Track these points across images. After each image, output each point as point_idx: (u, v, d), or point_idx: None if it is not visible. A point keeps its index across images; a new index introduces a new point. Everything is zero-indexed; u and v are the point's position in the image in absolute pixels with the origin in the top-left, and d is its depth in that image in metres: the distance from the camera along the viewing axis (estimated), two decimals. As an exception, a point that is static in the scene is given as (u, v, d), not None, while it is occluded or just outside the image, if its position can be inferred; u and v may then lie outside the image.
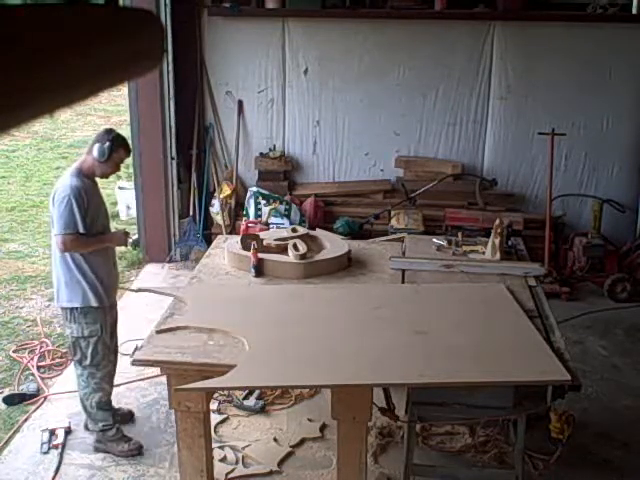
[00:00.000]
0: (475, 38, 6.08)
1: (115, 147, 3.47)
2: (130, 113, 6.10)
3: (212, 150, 6.43)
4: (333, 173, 6.48)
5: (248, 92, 6.33)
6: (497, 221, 3.91)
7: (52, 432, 3.75)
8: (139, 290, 4.17)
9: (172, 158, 6.02)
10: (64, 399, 4.13)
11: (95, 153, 3.46)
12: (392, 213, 5.93)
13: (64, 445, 3.69)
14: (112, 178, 8.35)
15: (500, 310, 3.23)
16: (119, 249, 5.56)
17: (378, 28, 6.10)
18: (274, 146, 6.38)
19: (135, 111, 5.96)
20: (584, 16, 6.02)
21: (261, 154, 6.36)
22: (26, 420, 3.92)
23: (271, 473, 3.49)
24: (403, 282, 3.63)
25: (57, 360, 4.59)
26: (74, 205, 3.40)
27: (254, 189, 6.11)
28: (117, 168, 3.62)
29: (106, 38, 0.64)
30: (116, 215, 7.50)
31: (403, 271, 3.73)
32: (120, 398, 4.13)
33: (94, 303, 3.52)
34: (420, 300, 3.35)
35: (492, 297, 3.37)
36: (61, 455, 3.61)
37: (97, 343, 3.56)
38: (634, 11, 6.09)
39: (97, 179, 3.64)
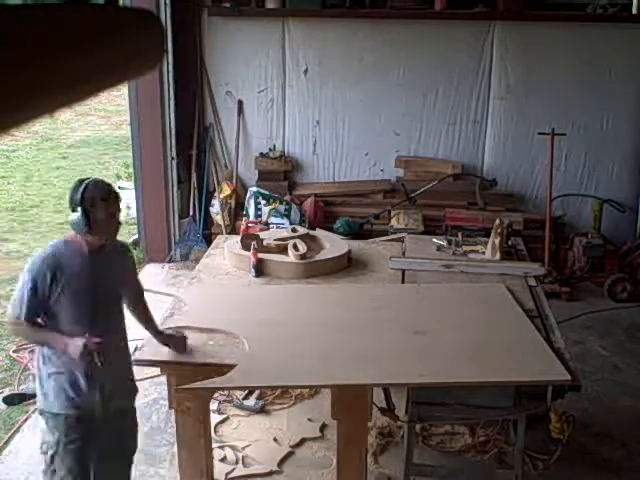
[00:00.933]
0: (475, 38, 6.08)
1: (89, 209, 2.53)
2: (130, 113, 6.10)
3: (212, 150, 6.43)
4: (333, 173, 6.48)
5: (248, 92, 6.33)
6: (497, 221, 3.91)
7: (52, 432, 3.74)
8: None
9: (172, 158, 6.02)
10: (64, 399, 4.13)
11: (72, 228, 2.58)
12: (392, 213, 5.93)
13: (64, 445, 3.68)
14: (112, 178, 8.39)
15: (500, 310, 3.23)
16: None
17: (378, 28, 6.10)
18: (274, 146, 6.38)
19: (135, 111, 5.96)
20: (584, 16, 6.02)
21: (261, 154, 6.36)
22: (26, 420, 3.92)
23: (271, 473, 3.48)
24: (403, 282, 3.63)
25: (57, 360, 4.59)
26: (29, 284, 2.60)
27: (254, 189, 6.11)
28: (106, 225, 2.59)
29: (106, 38, 0.64)
30: (116, 215, 7.50)
31: (403, 271, 3.73)
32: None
33: (56, 408, 2.63)
34: (420, 300, 3.35)
35: (492, 297, 3.37)
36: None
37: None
38: (634, 11, 6.09)
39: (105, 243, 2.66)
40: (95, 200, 2.53)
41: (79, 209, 2.52)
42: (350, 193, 6.33)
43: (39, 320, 2.60)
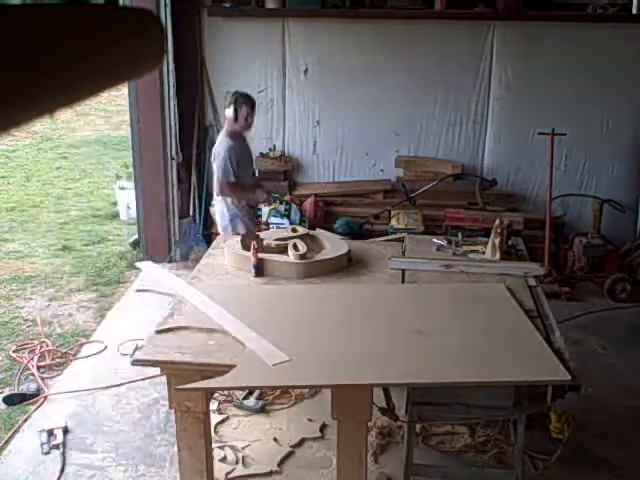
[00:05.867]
0: (475, 38, 6.08)
1: (238, 106, 4.35)
2: (130, 113, 6.10)
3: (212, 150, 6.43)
4: (333, 173, 6.48)
5: (248, 92, 6.31)
6: (497, 221, 3.91)
7: (50, 432, 3.74)
8: (139, 290, 4.17)
9: (172, 158, 6.01)
10: (64, 399, 4.13)
11: (227, 116, 4.44)
12: (392, 213, 5.93)
13: (64, 445, 3.68)
14: (112, 178, 8.40)
15: (500, 310, 3.23)
16: (119, 249, 5.55)
17: (378, 28, 6.10)
18: (274, 146, 6.38)
19: (135, 111, 5.96)
20: (584, 16, 6.02)
21: (261, 154, 6.36)
22: (26, 420, 3.92)
23: (271, 473, 3.49)
24: (403, 282, 3.63)
25: (57, 360, 4.59)
26: (227, 160, 4.38)
27: (254, 189, 6.11)
28: (247, 123, 4.44)
29: (106, 38, 0.64)
30: (116, 215, 7.51)
31: (403, 271, 3.73)
32: (120, 398, 4.13)
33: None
34: (420, 300, 3.35)
35: (492, 297, 3.37)
36: (63, 455, 3.60)
37: None
38: (634, 11, 6.09)
39: (246, 136, 4.68)
40: (242, 105, 4.41)
41: (231, 107, 4.40)
42: (350, 193, 6.33)
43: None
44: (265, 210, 5.95)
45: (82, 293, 5.65)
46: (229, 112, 4.39)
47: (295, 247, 3.76)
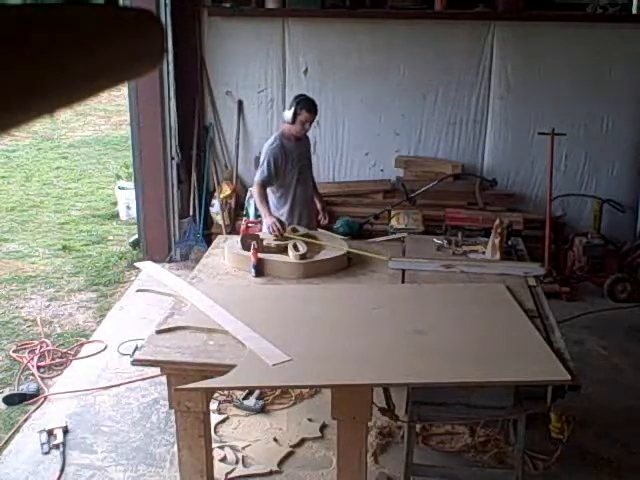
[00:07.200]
0: (475, 38, 6.08)
1: (298, 110, 4.14)
2: (130, 113, 6.10)
3: (212, 150, 6.43)
4: (333, 173, 6.48)
5: (248, 92, 6.33)
6: (497, 221, 3.91)
7: (50, 432, 3.74)
8: (139, 290, 4.17)
9: (172, 158, 6.02)
10: (64, 399, 4.13)
11: (285, 117, 4.26)
12: (392, 213, 5.93)
13: (64, 445, 3.68)
14: (112, 178, 8.41)
15: (500, 310, 3.23)
16: (119, 249, 5.52)
17: (378, 28, 6.10)
18: (274, 146, 6.37)
19: (135, 111, 5.96)
20: (584, 16, 6.02)
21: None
22: (26, 420, 3.92)
23: (271, 473, 3.49)
24: (403, 282, 3.63)
25: (57, 360, 4.59)
26: (266, 161, 4.16)
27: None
28: (303, 128, 4.23)
29: (106, 38, 0.64)
30: (116, 215, 7.51)
31: (403, 271, 3.73)
32: (120, 398, 4.13)
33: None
34: (420, 300, 3.35)
35: (492, 297, 3.37)
36: (64, 455, 3.60)
37: None
38: (634, 11, 6.09)
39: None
40: (302, 110, 4.16)
41: (292, 108, 4.18)
42: (350, 193, 6.33)
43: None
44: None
45: (82, 293, 5.65)
46: (288, 114, 4.20)
47: (295, 247, 3.76)
